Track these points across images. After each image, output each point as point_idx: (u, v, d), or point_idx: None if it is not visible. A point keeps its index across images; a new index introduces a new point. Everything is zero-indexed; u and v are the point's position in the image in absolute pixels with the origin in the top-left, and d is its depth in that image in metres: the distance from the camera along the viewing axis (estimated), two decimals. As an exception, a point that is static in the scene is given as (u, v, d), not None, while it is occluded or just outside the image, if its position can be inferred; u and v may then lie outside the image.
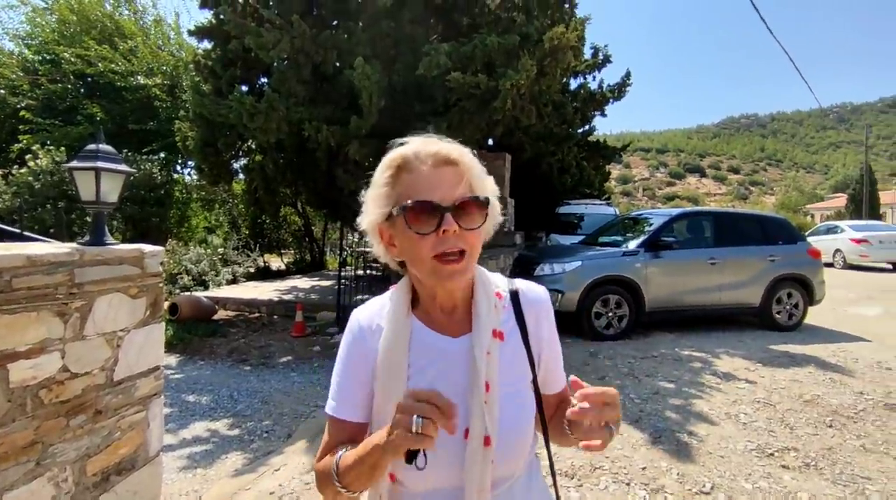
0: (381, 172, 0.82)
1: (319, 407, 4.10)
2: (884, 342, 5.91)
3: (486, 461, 0.77)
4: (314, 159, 6.31)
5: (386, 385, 0.83)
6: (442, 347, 0.85)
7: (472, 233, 0.79)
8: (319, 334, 6.58)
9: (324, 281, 10.47)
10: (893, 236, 15.63)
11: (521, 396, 0.87)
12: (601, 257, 6.41)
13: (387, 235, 0.84)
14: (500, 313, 0.88)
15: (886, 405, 3.85)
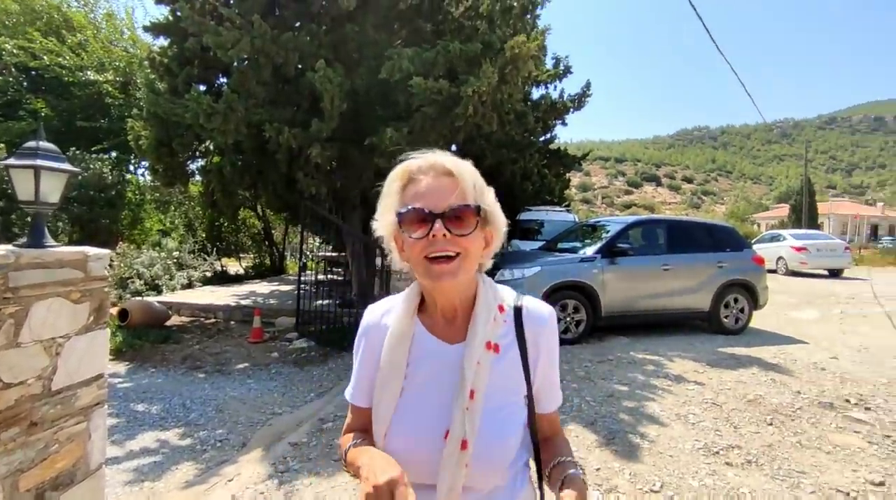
0: (389, 183, 0.91)
1: (276, 415, 4.02)
2: (819, 344, 6.28)
3: (460, 463, 0.82)
4: (274, 162, 6.18)
5: (384, 379, 0.91)
6: (437, 351, 0.92)
7: (464, 238, 0.84)
8: (278, 340, 6.44)
9: (284, 286, 10.27)
10: (830, 245, 16.67)
11: (508, 409, 0.90)
12: (560, 262, 6.55)
13: (399, 242, 0.91)
14: (500, 326, 0.93)
15: (820, 403, 4.09)
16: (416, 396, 0.91)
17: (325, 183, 6.45)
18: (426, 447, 0.85)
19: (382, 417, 0.90)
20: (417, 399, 0.90)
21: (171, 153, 6.92)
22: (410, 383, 0.91)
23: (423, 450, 0.85)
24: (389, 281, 5.57)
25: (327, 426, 3.73)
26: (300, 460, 3.20)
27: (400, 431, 0.89)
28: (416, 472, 0.83)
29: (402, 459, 0.82)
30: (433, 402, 0.89)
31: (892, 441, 3.40)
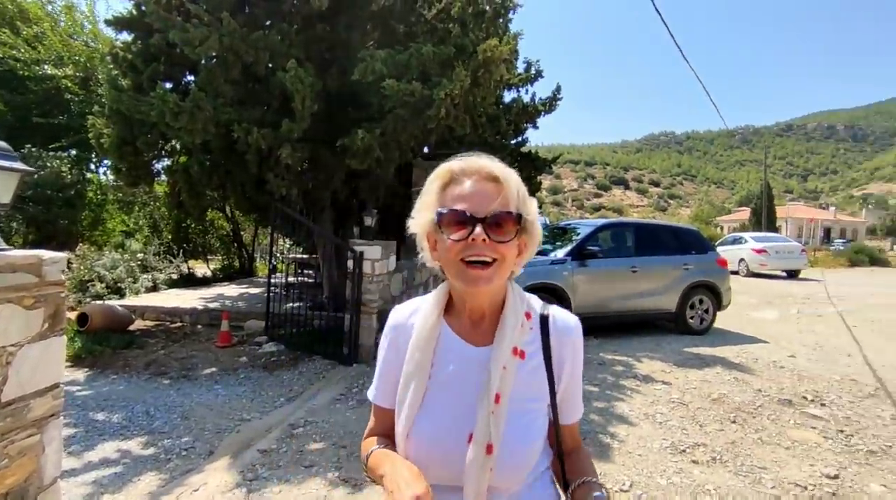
0: (430, 182, 0.92)
1: (245, 421, 3.93)
2: (779, 343, 6.52)
3: (485, 467, 0.82)
4: (244, 162, 6.04)
5: (408, 378, 0.91)
6: (463, 353, 0.92)
7: (503, 245, 0.84)
8: (247, 343, 6.30)
9: (253, 288, 10.06)
10: (788, 247, 17.36)
11: (531, 415, 0.90)
12: (530, 264, 6.50)
13: (432, 240, 0.91)
14: (526, 333, 0.93)
15: (780, 401, 4.25)
16: (440, 397, 0.91)
17: (296, 184, 6.35)
18: (449, 449, 0.85)
19: (405, 416, 0.90)
20: (441, 400, 0.90)
21: (136, 152, 6.69)
22: (434, 384, 0.91)
23: (445, 452, 0.86)
24: (361, 284, 5.52)
25: (298, 432, 3.67)
26: (269, 467, 3.13)
27: (423, 431, 0.88)
28: (436, 473, 0.85)
29: (424, 460, 0.85)
30: (457, 403, 0.89)
31: (845, 436, 3.56)
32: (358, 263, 5.51)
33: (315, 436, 3.61)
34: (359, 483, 2.92)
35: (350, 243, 5.78)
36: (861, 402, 4.28)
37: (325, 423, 3.85)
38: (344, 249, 6.18)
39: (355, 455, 3.29)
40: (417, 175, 11.61)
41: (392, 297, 6.47)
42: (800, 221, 50.36)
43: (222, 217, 13.08)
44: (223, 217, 13.06)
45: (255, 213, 9.09)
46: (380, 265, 5.65)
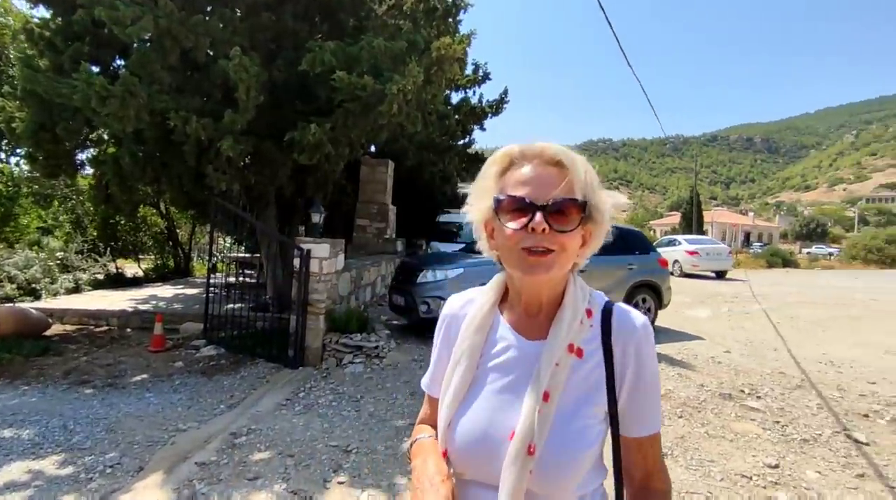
0: (488, 167, 0.86)
1: (180, 431, 3.63)
2: (714, 340, 6.88)
3: (524, 467, 0.76)
4: (181, 154, 5.61)
5: (455, 365, 0.89)
6: (515, 345, 0.87)
7: (564, 235, 0.78)
8: (183, 347, 5.89)
9: (189, 289, 9.47)
10: (717, 249, 18.53)
11: (584, 420, 0.81)
12: (483, 263, 6.61)
13: (489, 228, 0.87)
14: (585, 330, 0.85)
15: (720, 395, 4.45)
16: (486, 388, 0.86)
17: (238, 179, 6.01)
18: (489, 444, 0.81)
19: (448, 405, 0.87)
20: (487, 392, 0.86)
21: (55, 140, 6.08)
22: (481, 374, 0.87)
23: (485, 446, 0.81)
24: (308, 283, 5.29)
25: (240, 442, 3.43)
26: (209, 482, 2.90)
27: (465, 422, 0.84)
28: (474, 469, 0.82)
29: (462, 453, 0.83)
30: (503, 397, 0.84)
31: (781, 426, 3.76)
32: (305, 261, 5.28)
33: (259, 445, 3.39)
34: (309, 496, 2.75)
35: (297, 241, 5.54)
36: (791, 393, 4.56)
37: (271, 431, 3.63)
38: (290, 247, 5.91)
39: (304, 465, 3.12)
40: (365, 173, 11.41)
41: (340, 297, 6.27)
42: (724, 225, 53.99)
43: (156, 213, 12.29)
44: (157, 213, 12.26)
45: (193, 209, 8.54)
46: (328, 264, 5.45)
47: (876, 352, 6.36)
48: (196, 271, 12.86)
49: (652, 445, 0.85)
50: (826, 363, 5.72)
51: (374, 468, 3.10)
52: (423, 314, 6.21)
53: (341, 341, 5.45)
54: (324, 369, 5.11)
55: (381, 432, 3.64)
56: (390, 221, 11.53)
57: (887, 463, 3.22)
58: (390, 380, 4.81)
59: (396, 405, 4.18)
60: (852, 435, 3.61)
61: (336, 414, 3.97)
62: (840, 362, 5.77)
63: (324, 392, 4.48)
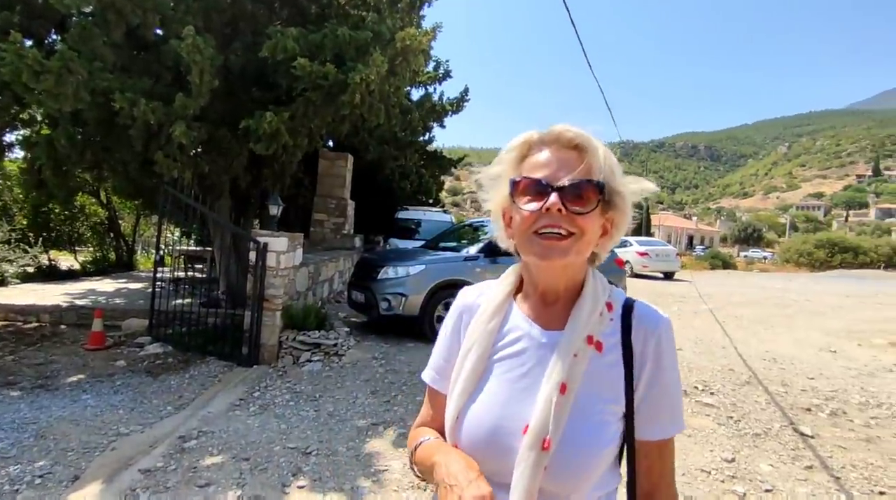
0: (505, 152, 0.84)
1: (122, 436, 3.37)
2: (667, 338, 7.10)
3: (538, 463, 0.71)
4: (127, 139, 5.21)
5: (467, 353, 0.84)
6: (530, 334, 0.82)
7: (582, 218, 0.75)
8: (125, 345, 5.52)
9: (133, 284, 8.92)
10: (665, 251, 19.31)
11: (601, 416, 0.76)
12: (444, 261, 6.56)
13: (507, 217, 0.84)
14: (605, 323, 0.80)
15: (676, 391, 4.57)
16: (499, 379, 0.81)
17: (190, 167, 5.67)
18: (501, 438, 0.76)
19: (458, 395, 0.82)
20: (499, 382, 0.81)
21: (-21, 118, 5.57)
22: (494, 364, 0.82)
23: (497, 439, 0.77)
24: (265, 278, 5.06)
25: (190, 445, 3.22)
26: (154, 490, 2.69)
27: (475, 414, 0.79)
28: (485, 465, 0.75)
29: (472, 445, 0.78)
30: (517, 388, 0.79)
31: (734, 421, 3.90)
32: (261, 255, 5.05)
33: (211, 449, 3.19)
34: (267, 500, 2.60)
35: (253, 234, 5.29)
36: (741, 389, 4.75)
37: (224, 433, 3.43)
38: (245, 240, 5.65)
39: (261, 469, 2.95)
40: (324, 166, 11.11)
41: (297, 292, 6.06)
42: (670, 228, 56.40)
43: (95, 202, 11.51)
44: (96, 202, 11.49)
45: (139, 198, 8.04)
46: (285, 258, 5.24)
47: (811, 349, 6.75)
48: (140, 264, 12.19)
49: (661, 453, 0.80)
50: (769, 360, 6.01)
51: (335, 470, 2.97)
52: (384, 311, 6.09)
53: (299, 339, 5.25)
54: (280, 368, 4.91)
55: (342, 432, 3.51)
56: (349, 216, 11.29)
57: (830, 455, 3.39)
58: (350, 378, 4.67)
59: (357, 405, 4.05)
60: (798, 429, 3.79)
61: (294, 414, 3.80)
62: (781, 359, 6.08)
63: (280, 392, 4.29)
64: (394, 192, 13.96)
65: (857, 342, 7.28)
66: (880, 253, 30.36)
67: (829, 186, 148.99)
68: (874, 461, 3.31)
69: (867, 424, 4.02)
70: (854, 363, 6.02)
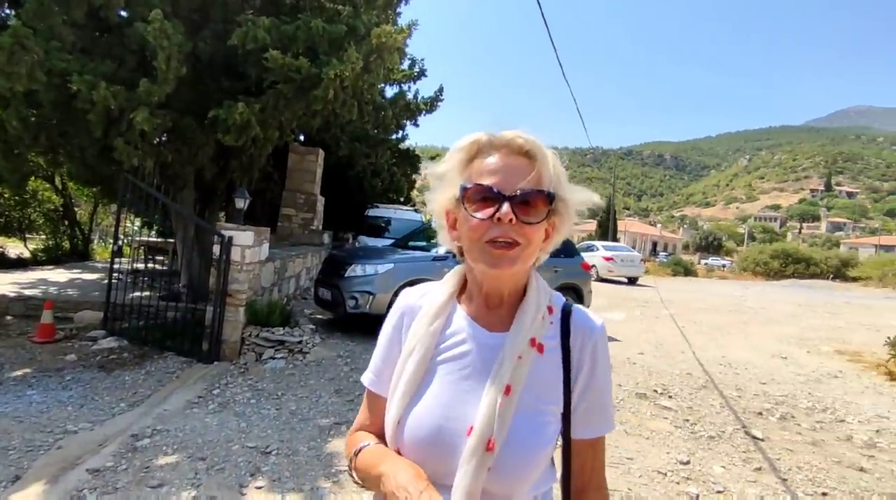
0: (452, 154, 0.83)
1: (70, 434, 3.23)
2: (629, 341, 7.28)
3: (482, 464, 0.72)
4: (85, 123, 4.98)
5: (409, 354, 0.83)
6: (474, 336, 0.82)
7: (530, 227, 0.76)
8: (77, 339, 5.29)
9: (88, 274, 8.54)
10: (630, 257, 19.78)
11: (543, 417, 0.79)
12: (412, 260, 6.54)
13: (451, 218, 0.84)
14: (546, 326, 0.82)
15: (637, 395, 4.69)
16: (442, 381, 0.81)
17: (153, 155, 5.47)
18: (445, 439, 0.76)
19: (399, 398, 0.81)
20: (442, 384, 0.80)
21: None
22: (437, 366, 0.82)
23: (440, 441, 0.76)
24: (229, 272, 4.93)
25: (143, 444, 3.11)
26: (102, 490, 2.58)
27: (418, 416, 0.79)
28: (426, 467, 0.74)
29: (414, 449, 0.77)
30: (460, 389, 0.79)
31: (690, 424, 4.02)
32: (226, 248, 4.92)
33: (166, 448, 3.09)
34: (223, 502, 2.54)
35: (217, 227, 5.15)
36: (697, 393, 4.91)
37: (180, 431, 3.32)
38: (209, 232, 5.49)
39: (217, 468, 2.87)
40: (294, 160, 10.92)
41: (262, 288, 5.93)
42: (635, 234, 57.79)
43: (49, 188, 10.98)
44: (51, 188, 10.96)
45: (96, 185, 7.70)
46: (251, 253, 5.11)
47: (764, 355, 7.04)
48: (97, 254, 11.71)
49: (594, 451, 0.84)
50: (725, 365, 6.23)
51: (295, 470, 2.92)
52: (351, 309, 6.03)
53: (262, 335, 5.14)
54: (242, 365, 4.79)
55: (304, 431, 3.46)
56: (318, 212, 11.13)
57: (779, 457, 3.54)
58: (314, 377, 4.60)
59: (320, 403, 3.99)
60: (750, 432, 3.94)
61: (254, 413, 3.72)
62: (736, 364, 6.31)
63: (241, 389, 4.19)
64: (364, 189, 13.83)
65: (806, 349, 7.63)
66: (829, 264, 31.87)
67: (786, 198, 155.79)
68: (818, 464, 3.47)
69: (813, 427, 4.22)
70: (803, 369, 6.30)
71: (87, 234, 11.92)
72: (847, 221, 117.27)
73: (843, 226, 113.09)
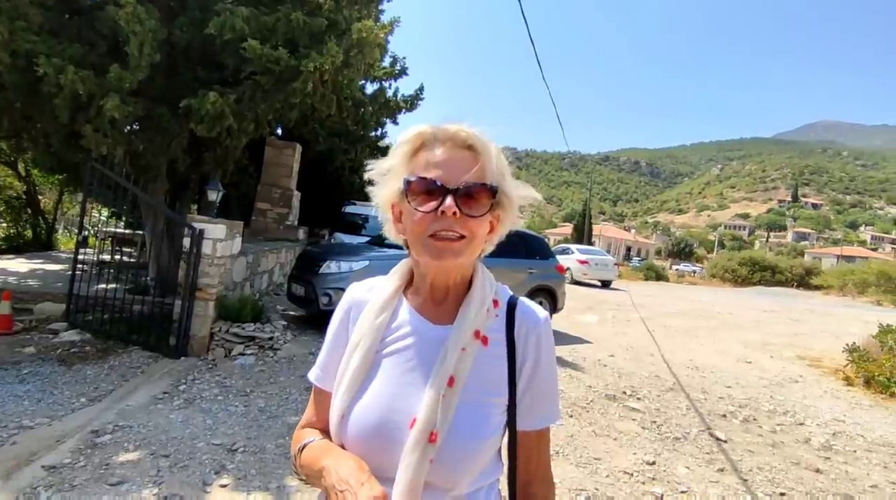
0: (397, 147, 0.83)
1: (25, 429, 3.11)
2: (600, 344, 7.39)
3: (424, 455, 0.72)
4: (51, 108, 4.80)
5: (354, 349, 0.83)
6: (419, 328, 0.83)
7: (474, 220, 0.77)
8: (37, 331, 5.10)
9: (51, 265, 8.25)
10: (604, 260, 20.09)
11: (487, 409, 0.79)
12: (388, 257, 6.49)
13: (397, 211, 0.84)
14: (492, 319, 0.83)
15: (606, 396, 4.76)
16: (387, 374, 0.81)
17: (123, 144, 5.31)
18: (388, 432, 0.76)
19: (344, 391, 0.80)
20: (386, 378, 0.80)
21: None
22: (382, 359, 0.82)
23: (383, 434, 0.76)
24: (199, 265, 4.82)
25: (103, 441, 3.01)
26: (59, 488, 2.49)
27: (361, 410, 0.78)
28: (369, 460, 0.74)
29: (358, 443, 0.77)
30: (404, 382, 0.79)
31: (657, 426, 4.10)
32: (196, 241, 4.82)
33: (128, 444, 3.00)
34: (186, 500, 2.48)
35: (188, 219, 5.03)
36: (664, 395, 5.01)
37: (143, 428, 3.24)
38: (180, 225, 5.36)
39: (181, 466, 2.81)
40: (270, 154, 10.74)
41: (234, 283, 5.82)
42: (609, 238, 58.78)
43: (12, 174, 10.56)
44: (13, 174, 10.55)
45: (62, 173, 7.43)
46: (223, 246, 5.02)
47: (730, 359, 7.24)
48: (61, 244, 11.32)
49: (539, 442, 0.85)
50: (692, 368, 6.38)
51: (261, 468, 2.87)
52: (324, 306, 5.96)
53: (232, 331, 5.04)
54: (210, 361, 4.70)
55: (272, 429, 3.41)
56: (293, 207, 10.97)
57: (741, 458, 3.64)
58: (284, 373, 4.54)
59: (290, 400, 3.94)
60: (714, 433, 4.04)
61: (221, 409, 3.64)
62: (703, 368, 6.47)
63: (209, 385, 4.10)
64: (342, 185, 13.70)
65: (770, 354, 7.87)
66: (794, 273, 33.01)
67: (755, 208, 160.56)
68: (777, 465, 3.58)
69: (773, 430, 4.35)
70: (766, 374, 6.50)
71: (52, 223, 11.50)
72: (811, 232, 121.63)
73: (807, 236, 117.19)
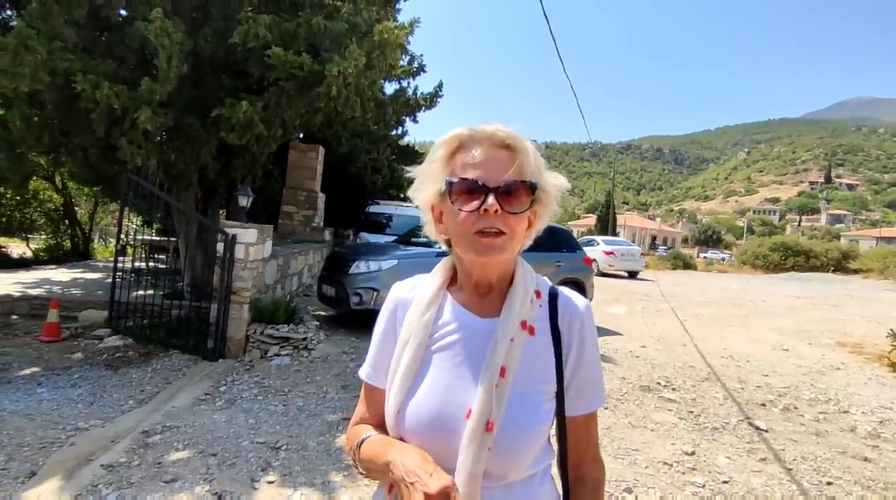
0: (436, 149, 0.85)
1: (81, 431, 3.26)
2: (631, 335, 7.31)
3: (483, 445, 0.75)
4: (87, 123, 4.99)
5: (404, 346, 0.86)
6: (467, 322, 0.86)
7: (514, 217, 0.79)
8: (82, 337, 5.32)
9: (90, 273, 8.58)
10: (631, 251, 19.78)
11: (538, 396, 0.82)
12: (416, 256, 6.54)
13: (437, 212, 0.86)
14: (535, 309, 0.86)
15: (641, 387, 4.72)
16: (438, 368, 0.84)
17: (156, 154, 5.48)
18: (444, 423, 0.79)
19: (398, 388, 0.83)
20: (439, 372, 0.83)
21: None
22: (432, 355, 0.85)
23: (440, 426, 0.79)
24: (233, 270, 4.95)
25: (154, 441, 3.14)
26: (117, 486, 2.62)
27: (417, 405, 0.82)
28: (428, 452, 0.76)
29: (416, 435, 0.80)
30: (456, 376, 0.82)
31: (694, 416, 4.06)
32: (230, 247, 4.94)
33: (177, 444, 3.12)
34: (236, 497, 2.57)
35: (221, 225, 5.17)
36: (700, 385, 4.94)
37: (189, 428, 3.36)
38: (213, 231, 5.51)
39: (229, 464, 2.91)
40: (294, 158, 10.92)
41: (266, 285, 5.95)
42: (634, 228, 57.86)
43: (51, 188, 10.98)
44: (52, 188, 10.96)
45: (98, 185, 7.71)
46: (255, 250, 5.14)
47: (765, 347, 7.07)
48: (97, 253, 11.72)
49: (588, 426, 0.88)
50: (727, 357, 6.27)
51: (305, 465, 2.95)
52: (355, 306, 6.05)
53: (267, 333, 5.16)
54: (247, 362, 4.82)
55: (312, 427, 3.49)
56: (319, 208, 11.13)
57: (783, 448, 3.57)
58: (320, 373, 4.63)
59: (327, 399, 4.03)
60: (754, 423, 3.97)
61: (262, 409, 3.75)
62: (738, 357, 6.34)
63: (248, 386, 4.22)
64: (365, 185, 13.83)
65: (807, 342, 7.66)
66: (830, 257, 31.88)
67: (785, 191, 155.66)
68: (822, 454, 3.50)
69: (816, 419, 4.25)
70: (805, 361, 6.33)
71: (88, 233, 11.93)
72: (847, 214, 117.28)
73: (843, 218, 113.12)
